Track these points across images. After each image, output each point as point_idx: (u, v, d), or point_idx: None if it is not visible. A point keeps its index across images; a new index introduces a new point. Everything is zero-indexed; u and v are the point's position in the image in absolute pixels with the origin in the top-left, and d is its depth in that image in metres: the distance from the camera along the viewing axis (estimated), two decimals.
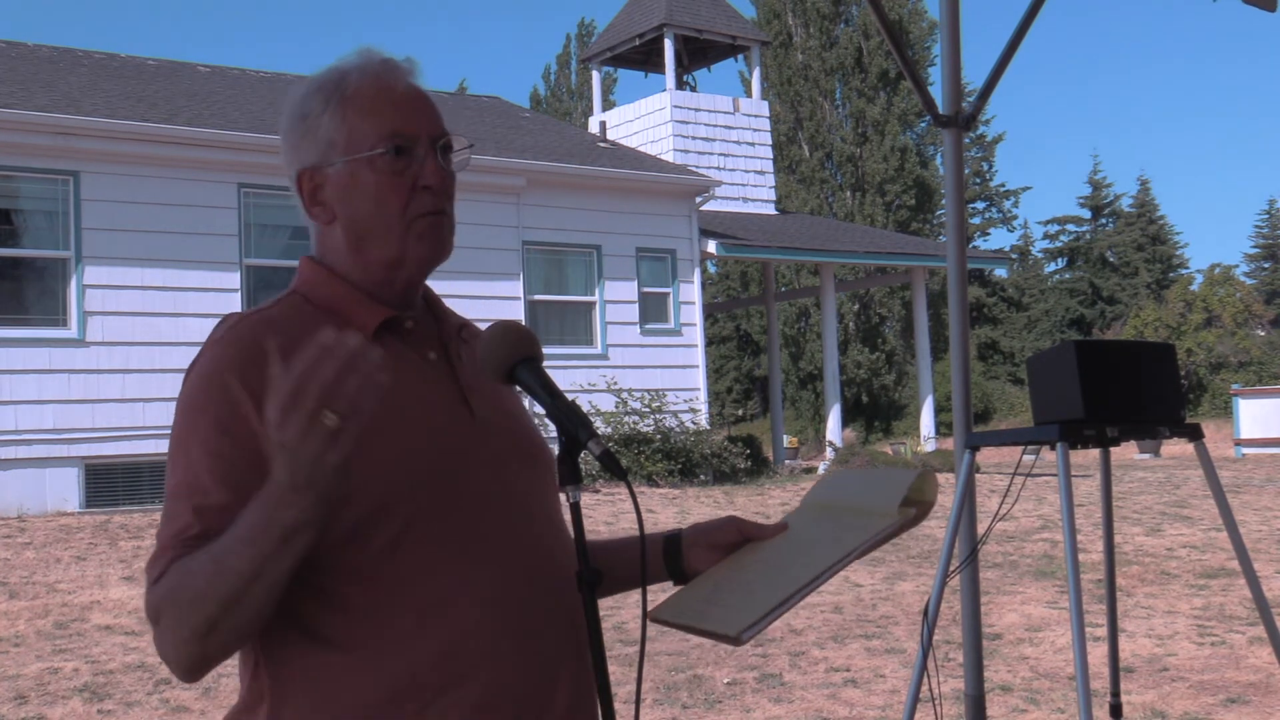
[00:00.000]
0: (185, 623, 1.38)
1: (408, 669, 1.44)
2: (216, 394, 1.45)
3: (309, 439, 1.27)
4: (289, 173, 1.61)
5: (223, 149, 13.54)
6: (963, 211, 3.99)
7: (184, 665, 1.43)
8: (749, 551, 1.69)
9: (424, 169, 1.55)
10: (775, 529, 1.71)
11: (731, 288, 38.05)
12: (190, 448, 1.45)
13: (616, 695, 1.46)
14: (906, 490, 1.65)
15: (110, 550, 10.12)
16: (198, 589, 1.37)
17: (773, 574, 1.61)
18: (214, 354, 1.49)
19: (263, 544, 1.33)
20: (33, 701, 6.02)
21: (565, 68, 47.28)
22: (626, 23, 21.34)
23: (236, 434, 1.43)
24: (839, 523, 1.67)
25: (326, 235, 1.60)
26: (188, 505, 1.43)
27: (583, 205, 16.36)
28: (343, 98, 1.56)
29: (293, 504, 1.31)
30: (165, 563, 1.41)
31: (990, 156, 45.57)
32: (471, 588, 1.47)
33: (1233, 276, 39.41)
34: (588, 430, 1.42)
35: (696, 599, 1.65)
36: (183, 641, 1.40)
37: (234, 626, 1.39)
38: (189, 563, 1.39)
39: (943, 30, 3.94)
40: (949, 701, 4.91)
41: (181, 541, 1.41)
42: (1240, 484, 15.43)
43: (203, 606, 1.36)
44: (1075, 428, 3.30)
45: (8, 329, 12.47)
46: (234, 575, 1.34)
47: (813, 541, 1.65)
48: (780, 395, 21.51)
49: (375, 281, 1.57)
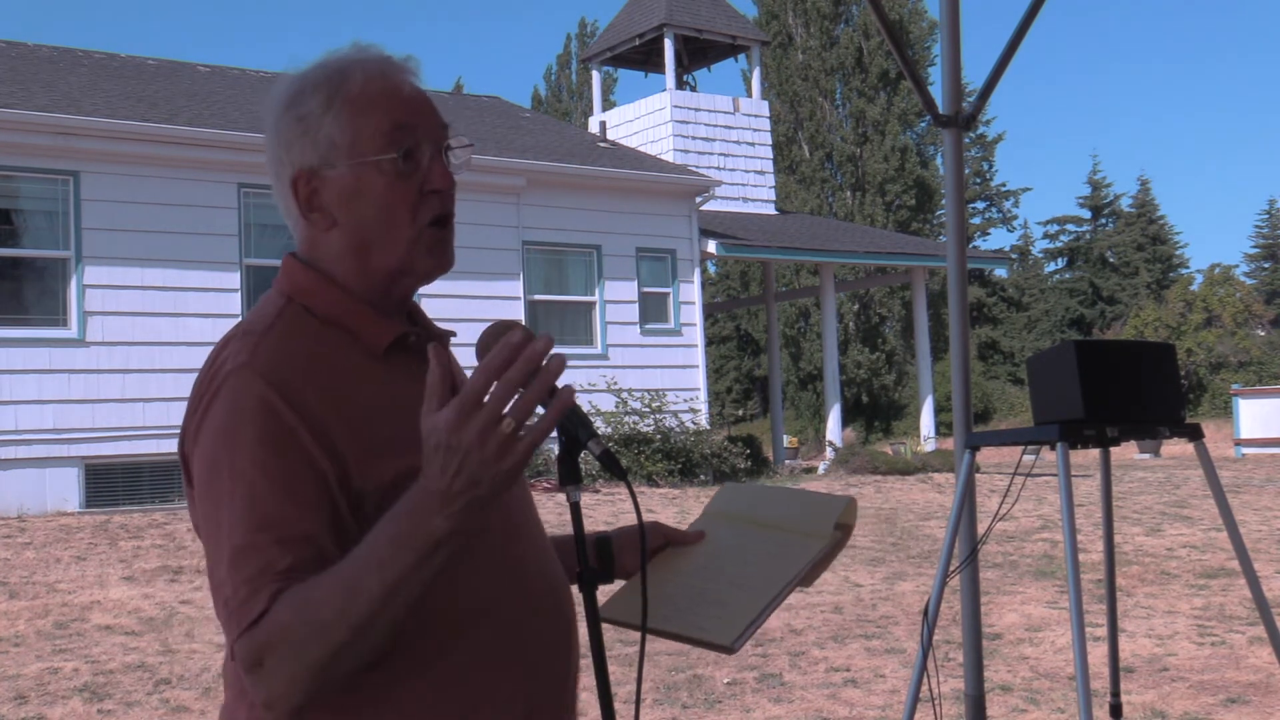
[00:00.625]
0: (305, 656, 1.29)
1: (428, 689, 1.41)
2: (261, 414, 1.36)
3: (486, 444, 1.23)
4: (278, 170, 1.53)
5: (223, 149, 13.54)
6: (963, 211, 3.99)
7: (294, 702, 1.33)
8: (677, 558, 1.73)
9: (431, 172, 1.49)
10: (695, 536, 1.75)
11: (731, 288, 38.06)
12: (246, 475, 1.34)
13: (616, 695, 1.46)
14: (839, 514, 1.72)
15: (110, 550, 10.11)
16: (323, 619, 1.28)
17: (734, 586, 1.65)
18: (244, 376, 1.39)
19: (405, 557, 1.27)
20: (33, 701, 6.02)
21: (565, 68, 47.29)
22: (626, 23, 21.34)
23: (294, 454, 1.35)
24: (772, 539, 1.71)
25: (321, 240, 1.52)
26: (268, 538, 1.32)
27: (583, 205, 16.36)
28: (346, 97, 1.48)
29: (447, 511, 1.26)
30: (266, 599, 1.30)
31: (990, 156, 45.61)
32: (483, 602, 1.45)
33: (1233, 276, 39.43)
34: (588, 430, 1.41)
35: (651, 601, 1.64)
36: (299, 678, 1.30)
37: (361, 653, 1.31)
38: (306, 593, 1.30)
39: (943, 30, 3.94)
40: (949, 701, 4.91)
41: (274, 575, 1.31)
42: (1240, 484, 15.43)
43: (330, 635, 1.28)
44: (1075, 428, 3.30)
45: (8, 329, 12.47)
46: (368, 597, 1.27)
47: (752, 555, 1.70)
48: (780, 395, 21.51)
49: (375, 290, 1.50)
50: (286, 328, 1.47)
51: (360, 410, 1.42)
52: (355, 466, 1.38)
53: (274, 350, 1.42)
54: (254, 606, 1.30)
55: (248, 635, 1.31)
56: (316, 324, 1.48)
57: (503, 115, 19.56)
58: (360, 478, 1.38)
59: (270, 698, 1.33)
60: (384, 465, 1.39)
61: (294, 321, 1.48)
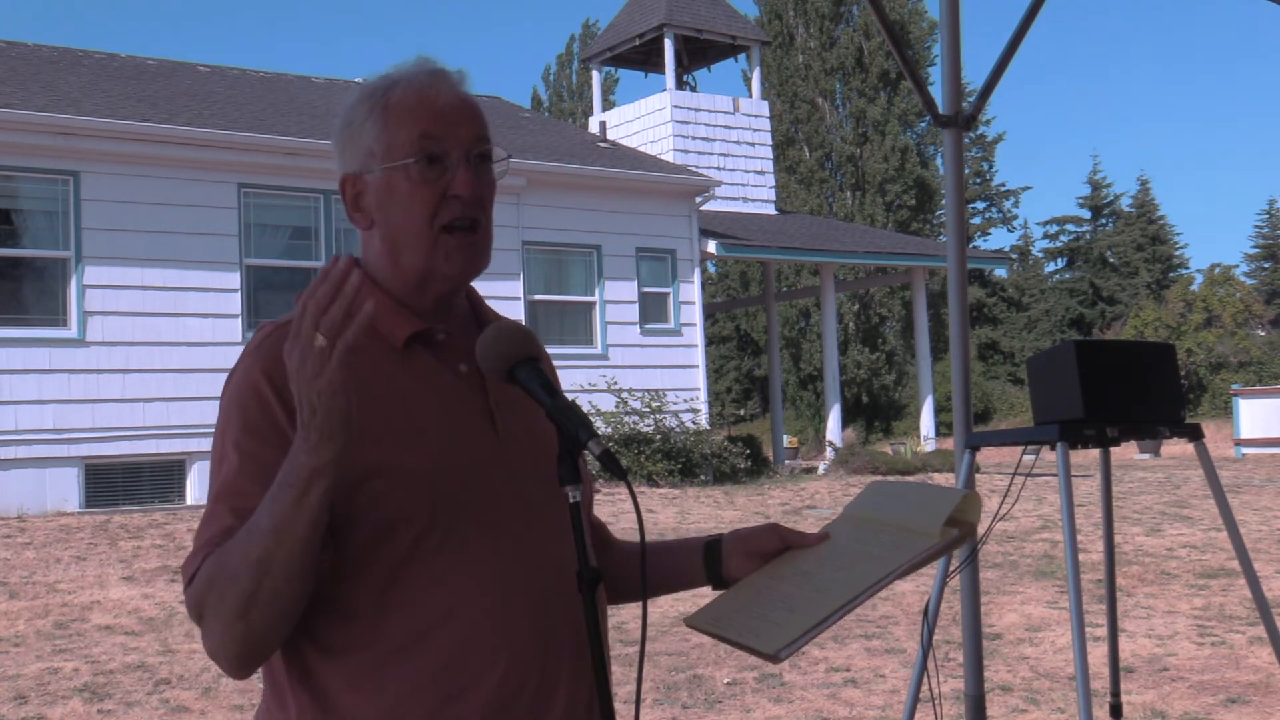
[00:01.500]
0: (226, 603, 1.41)
1: (412, 680, 1.46)
2: (249, 400, 1.50)
3: (305, 365, 1.32)
4: (339, 177, 1.64)
5: (223, 149, 13.54)
6: (963, 211, 3.99)
7: (231, 654, 1.44)
8: (787, 561, 1.68)
9: (455, 179, 1.56)
10: (816, 539, 1.71)
11: (731, 288, 38.05)
12: (227, 454, 1.50)
13: (616, 695, 1.46)
14: (951, 510, 1.64)
15: (110, 550, 10.11)
16: (233, 564, 1.40)
17: (812, 590, 1.60)
18: (247, 362, 1.53)
19: (285, 495, 1.37)
20: (33, 701, 6.02)
21: (565, 68, 47.27)
22: (627, 23, 21.34)
23: (271, 440, 1.47)
24: (880, 539, 1.66)
25: (366, 241, 1.63)
26: (226, 506, 1.47)
27: (583, 205, 16.36)
28: (385, 106, 1.58)
29: (306, 447, 1.35)
30: (201, 558, 1.45)
31: (990, 156, 45.60)
32: (477, 601, 1.48)
33: (1233, 276, 39.44)
34: (588, 430, 1.42)
35: (732, 609, 1.64)
36: (226, 626, 1.42)
37: (269, 598, 1.40)
38: (225, 546, 1.43)
39: (943, 30, 3.94)
40: (949, 701, 4.91)
41: (222, 537, 1.45)
42: (1240, 484, 15.43)
43: (239, 579, 1.39)
44: (1075, 428, 3.30)
45: (8, 329, 12.47)
46: (261, 537, 1.38)
47: (854, 556, 1.64)
48: (780, 395, 21.51)
49: (408, 290, 1.59)
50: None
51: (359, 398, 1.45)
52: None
53: (283, 338, 1.48)
54: (194, 563, 1.46)
55: (190, 589, 1.46)
56: None
57: (503, 115, 19.57)
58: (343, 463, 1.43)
59: (212, 650, 1.46)
60: (367, 451, 1.45)
61: None
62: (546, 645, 1.51)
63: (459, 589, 1.48)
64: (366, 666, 1.47)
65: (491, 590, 1.49)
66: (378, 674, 1.47)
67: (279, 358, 1.46)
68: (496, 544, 1.51)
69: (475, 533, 1.49)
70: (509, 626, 1.49)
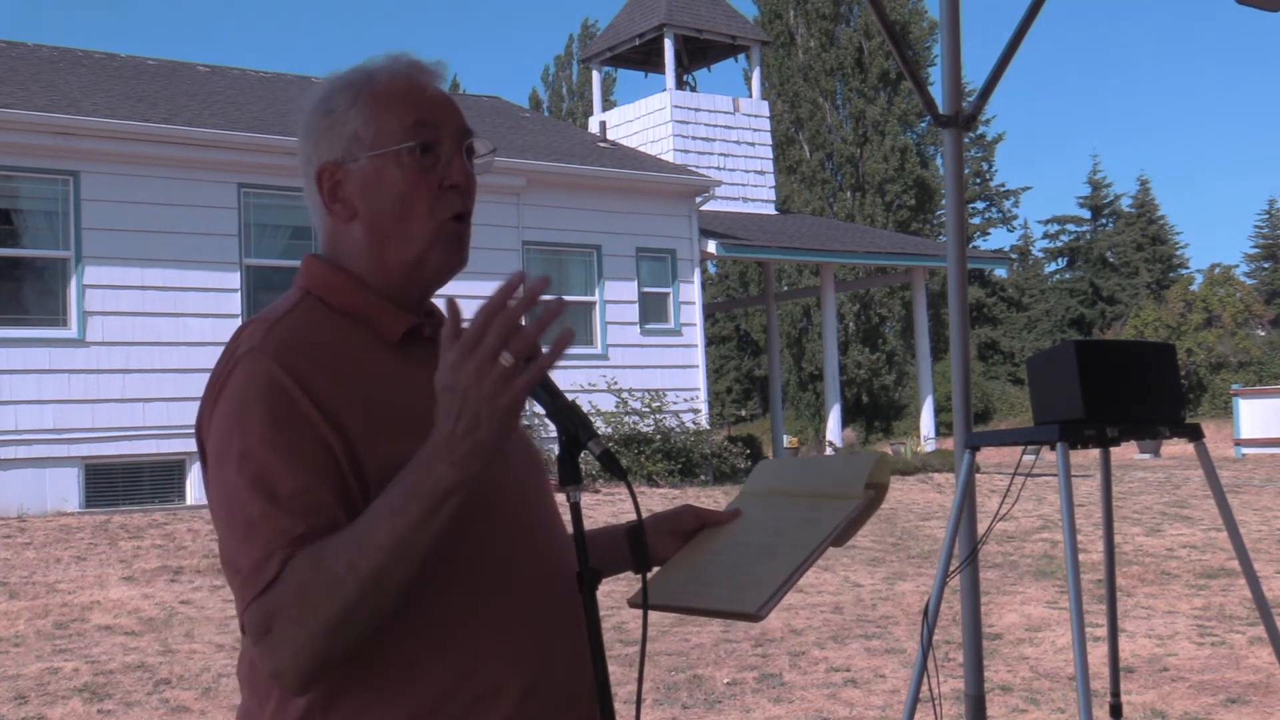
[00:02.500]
0: (316, 615, 1.30)
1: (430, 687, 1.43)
2: (271, 393, 1.39)
3: (483, 380, 1.26)
4: (307, 169, 1.57)
5: (223, 149, 13.53)
6: (963, 211, 3.99)
7: (303, 671, 1.33)
8: (710, 537, 1.74)
9: (450, 168, 1.53)
10: (729, 515, 1.77)
11: (731, 288, 38.07)
12: (256, 454, 1.37)
13: (616, 695, 1.46)
14: (869, 473, 1.72)
15: (110, 550, 10.11)
16: (335, 574, 1.30)
17: (763, 554, 1.65)
18: (254, 359, 1.43)
19: (413, 507, 1.30)
20: (33, 701, 6.02)
21: (565, 68, 47.28)
22: (626, 23, 21.34)
23: (303, 429, 1.38)
24: (803, 505, 1.73)
25: (343, 234, 1.55)
26: (280, 509, 1.34)
27: (583, 205, 16.36)
28: (372, 93, 1.54)
29: (451, 458, 1.29)
30: (278, 564, 1.32)
31: (990, 156, 45.62)
32: (492, 599, 1.46)
33: (1233, 276, 39.45)
34: (588, 430, 1.41)
35: (679, 582, 1.69)
36: (307, 640, 1.31)
37: (369, 615, 1.32)
38: (318, 551, 1.32)
39: (943, 30, 3.94)
40: (949, 701, 4.91)
41: (288, 542, 1.33)
42: (1240, 484, 15.43)
43: (339, 592, 1.30)
44: (1075, 428, 3.30)
45: (8, 329, 12.47)
46: (376, 550, 1.29)
47: (784, 523, 1.71)
48: (780, 395, 21.51)
49: (392, 284, 1.54)
50: (301, 316, 1.51)
51: (369, 395, 1.45)
52: (362, 447, 1.41)
53: (286, 335, 1.47)
54: (266, 572, 1.32)
55: (258, 601, 1.32)
56: (331, 315, 1.53)
57: (503, 115, 19.57)
58: (368, 458, 1.41)
59: (279, 666, 1.33)
60: (388, 448, 1.41)
61: (309, 311, 1.52)
62: (550, 641, 1.50)
63: (476, 586, 1.45)
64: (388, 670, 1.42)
65: (513, 581, 1.48)
66: (398, 678, 1.42)
67: (294, 351, 1.43)
68: (508, 539, 1.50)
69: (487, 527, 1.48)
70: (525, 625, 1.47)
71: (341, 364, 1.46)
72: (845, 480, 1.73)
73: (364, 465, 1.41)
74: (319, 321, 1.51)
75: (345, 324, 1.52)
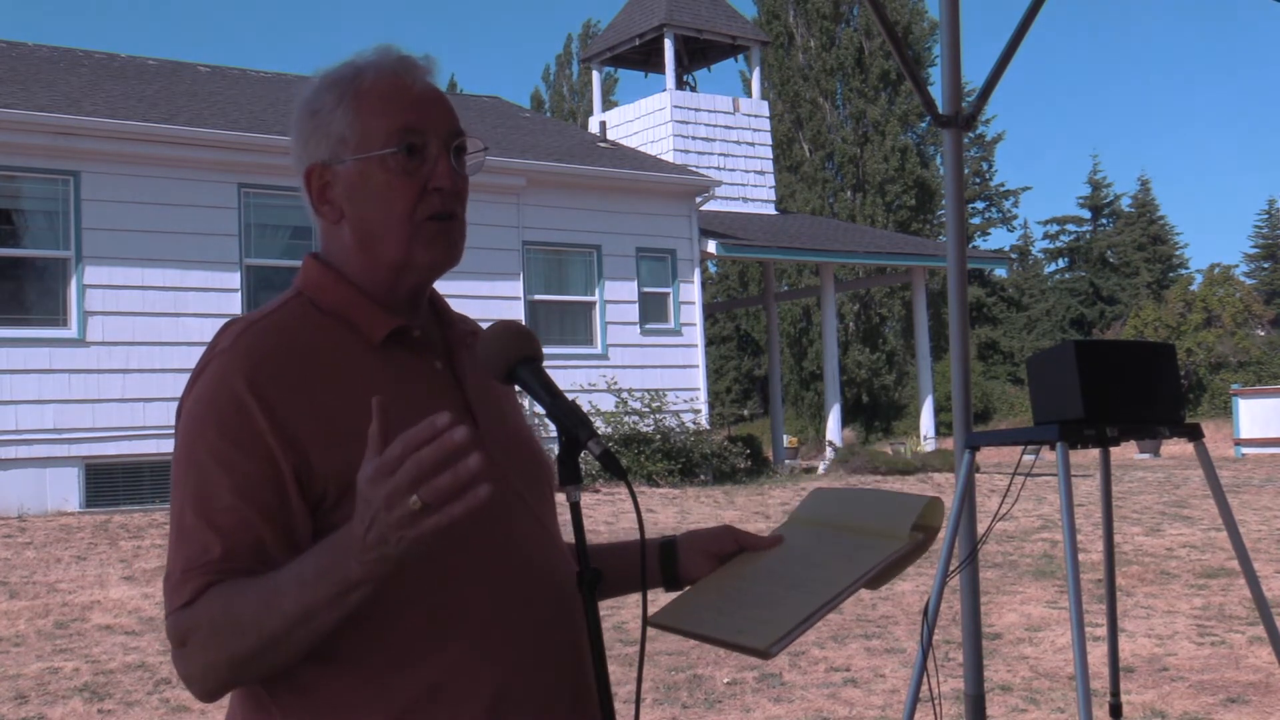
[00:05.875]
0: (222, 650, 1.36)
1: (411, 686, 1.43)
2: (226, 405, 1.42)
3: (393, 510, 1.23)
4: (298, 169, 1.57)
5: (223, 149, 13.54)
6: (963, 211, 3.99)
7: (208, 688, 1.41)
8: (746, 562, 1.68)
9: (436, 170, 1.52)
10: (770, 541, 1.72)
11: (731, 288, 38.04)
12: (202, 462, 1.41)
13: (616, 695, 1.46)
14: (917, 515, 1.64)
15: (110, 550, 10.12)
16: (241, 622, 1.35)
17: (788, 588, 1.60)
18: (220, 363, 1.46)
19: (320, 590, 1.31)
20: (33, 701, 6.02)
21: (565, 68, 47.26)
22: (626, 23, 21.34)
23: (249, 447, 1.40)
24: (845, 542, 1.66)
25: (333, 234, 1.56)
26: (206, 524, 1.39)
27: (583, 205, 16.36)
28: (356, 94, 1.52)
29: (361, 559, 1.28)
30: (196, 588, 1.38)
31: (990, 156, 45.61)
32: (472, 603, 1.46)
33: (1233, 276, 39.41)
34: (588, 430, 1.41)
35: (702, 607, 1.64)
36: (213, 667, 1.38)
37: (271, 663, 1.38)
38: (232, 592, 1.36)
39: (943, 30, 3.94)
40: (949, 701, 4.91)
41: (205, 565, 1.38)
42: (1240, 484, 15.43)
43: (244, 639, 1.35)
44: (1075, 428, 3.30)
45: (8, 329, 12.47)
46: (282, 616, 1.33)
47: (821, 557, 1.64)
48: (780, 395, 21.51)
49: (381, 284, 1.54)
50: (283, 317, 1.52)
51: (336, 399, 1.45)
52: (316, 455, 1.42)
53: (258, 337, 1.48)
54: (183, 593, 1.39)
55: (174, 616, 1.40)
56: (319, 316, 1.53)
57: (503, 115, 19.57)
58: (321, 464, 1.42)
59: (187, 676, 1.41)
60: (341, 454, 1.40)
61: (294, 312, 1.53)
62: (544, 640, 1.50)
63: (459, 589, 1.45)
64: (368, 673, 1.43)
65: (487, 591, 1.47)
66: (377, 682, 1.43)
67: (260, 359, 1.44)
68: (487, 542, 1.49)
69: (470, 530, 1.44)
70: (506, 627, 1.47)
71: (312, 370, 1.46)
72: (892, 520, 1.66)
73: (315, 471, 1.41)
74: (303, 322, 1.51)
75: (330, 325, 1.51)
